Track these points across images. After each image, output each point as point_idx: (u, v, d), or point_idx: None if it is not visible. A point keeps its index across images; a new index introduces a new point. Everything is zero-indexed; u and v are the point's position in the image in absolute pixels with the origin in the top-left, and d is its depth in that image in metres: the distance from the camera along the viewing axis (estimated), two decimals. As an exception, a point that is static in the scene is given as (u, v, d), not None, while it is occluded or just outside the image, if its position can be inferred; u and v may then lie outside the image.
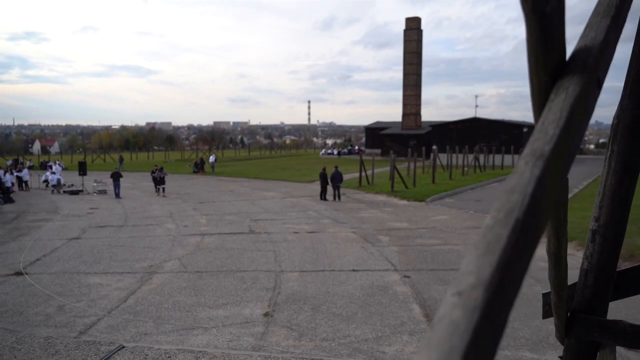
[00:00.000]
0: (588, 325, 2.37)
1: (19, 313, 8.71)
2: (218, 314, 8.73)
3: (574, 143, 0.86)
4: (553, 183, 0.74)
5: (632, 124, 2.15)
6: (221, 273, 11.34)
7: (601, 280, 2.35)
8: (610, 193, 2.29)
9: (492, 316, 0.56)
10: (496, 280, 0.57)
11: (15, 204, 23.59)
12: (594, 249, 2.34)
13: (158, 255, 13.03)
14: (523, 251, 0.65)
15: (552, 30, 0.88)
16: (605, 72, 1.06)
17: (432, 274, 11.31)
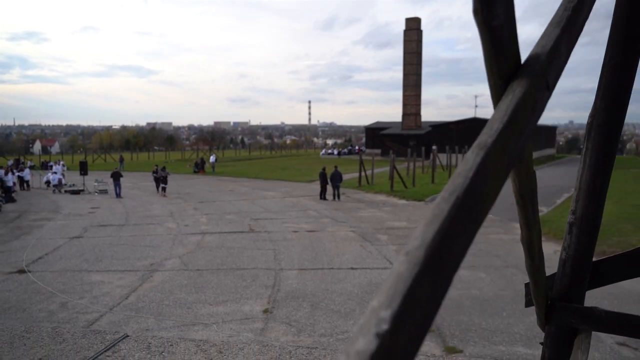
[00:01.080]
0: (566, 312, 2.51)
1: (23, 309, 8.86)
2: (218, 311, 8.88)
3: (518, 137, 1.01)
4: (494, 170, 0.89)
5: (604, 123, 2.30)
6: (221, 271, 11.49)
7: (578, 269, 2.49)
8: (586, 188, 2.43)
9: (431, 271, 0.71)
10: (436, 244, 0.72)
11: (17, 204, 23.75)
12: (571, 241, 2.49)
13: (159, 254, 13.18)
14: (462, 224, 0.79)
15: (502, 41, 1.02)
16: (555, 76, 1.21)
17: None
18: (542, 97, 1.12)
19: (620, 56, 2.24)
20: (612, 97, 2.28)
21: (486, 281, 10.77)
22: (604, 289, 10.15)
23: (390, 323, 0.63)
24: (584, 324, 2.47)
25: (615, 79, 2.27)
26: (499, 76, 1.07)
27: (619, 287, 10.82)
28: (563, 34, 1.20)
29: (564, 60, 1.26)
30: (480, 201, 0.84)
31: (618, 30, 2.25)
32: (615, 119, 2.29)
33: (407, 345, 0.67)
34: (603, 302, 8.58)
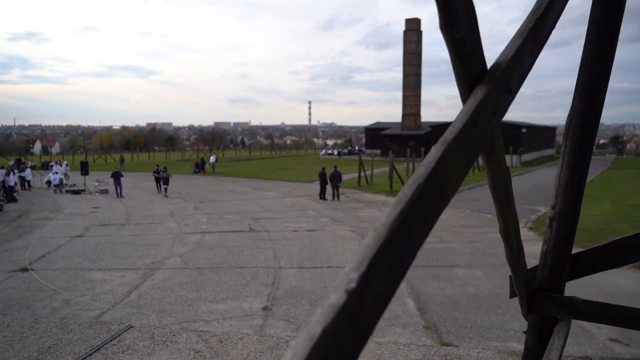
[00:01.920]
0: (547, 301, 2.66)
1: (26, 307, 9.01)
2: (218, 308, 9.03)
3: (479, 135, 1.16)
4: (454, 163, 1.04)
5: (581, 122, 2.45)
6: (221, 269, 11.64)
7: (558, 261, 2.64)
8: (564, 184, 2.58)
9: (394, 245, 0.86)
10: (398, 223, 0.88)
11: (19, 203, 23.92)
12: (551, 234, 2.64)
13: (160, 253, 13.33)
14: (422, 207, 0.95)
15: (466, 51, 1.18)
16: (518, 81, 1.36)
17: (427, 270, 11.61)
18: (504, 100, 1.26)
19: (596, 59, 2.39)
20: (588, 99, 2.43)
21: (482, 279, 10.92)
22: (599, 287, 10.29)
23: (358, 283, 0.79)
24: (564, 312, 2.62)
25: (591, 81, 2.42)
26: (464, 81, 1.22)
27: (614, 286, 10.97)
28: (525, 44, 1.35)
29: (528, 66, 1.40)
30: (439, 189, 0.98)
31: (593, 35, 2.40)
32: (591, 119, 2.44)
33: (372, 304, 0.83)
34: (598, 300, 8.71)
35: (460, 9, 1.08)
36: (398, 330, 8.01)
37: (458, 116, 1.11)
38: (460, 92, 1.26)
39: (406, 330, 8.04)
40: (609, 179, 34.58)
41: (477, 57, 1.23)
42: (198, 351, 4.62)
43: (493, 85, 1.20)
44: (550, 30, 1.57)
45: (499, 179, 1.73)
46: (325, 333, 0.72)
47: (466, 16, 1.10)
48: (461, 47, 1.14)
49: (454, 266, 12.02)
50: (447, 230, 16.32)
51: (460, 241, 14.66)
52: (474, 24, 1.16)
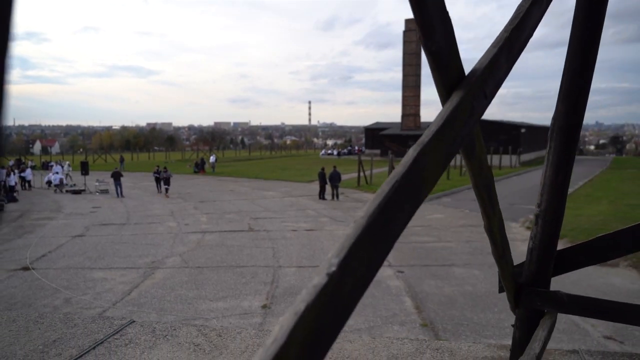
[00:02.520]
0: (533, 296, 2.77)
1: (28, 305, 9.13)
2: (218, 306, 9.14)
3: (455, 137, 1.27)
4: (430, 163, 1.15)
5: (565, 124, 2.56)
6: (221, 268, 11.75)
7: (543, 257, 2.75)
8: (549, 183, 2.69)
9: (372, 235, 0.97)
10: (376, 215, 0.98)
11: (19, 203, 24.02)
12: (537, 231, 2.75)
13: (160, 252, 13.44)
14: (400, 202, 1.06)
15: (443, 60, 1.28)
16: (493, 87, 1.47)
17: (425, 269, 11.72)
18: (479, 104, 1.37)
19: (578, 64, 2.50)
20: (571, 102, 2.53)
21: (480, 278, 11.03)
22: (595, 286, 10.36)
23: (338, 267, 0.90)
24: (549, 306, 2.73)
25: (574, 85, 2.53)
26: (442, 87, 1.33)
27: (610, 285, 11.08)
28: (501, 52, 1.45)
29: (504, 73, 1.51)
30: (416, 186, 1.09)
31: (575, 40, 2.51)
32: (574, 121, 2.55)
33: (351, 286, 0.94)
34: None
35: (436, 24, 1.19)
36: (395, 328, 8.12)
37: (435, 119, 1.22)
38: (440, 97, 1.37)
39: (403, 328, 8.15)
40: (607, 179, 34.69)
41: (455, 65, 1.33)
42: (198, 344, 4.74)
43: (469, 91, 1.31)
44: (528, 39, 1.67)
45: (481, 179, 1.84)
46: (308, 310, 0.83)
47: (442, 30, 1.21)
48: (438, 58, 1.24)
49: (452, 265, 12.12)
50: (445, 230, 16.43)
51: (458, 241, 14.78)
52: (450, 36, 1.27)
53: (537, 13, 1.66)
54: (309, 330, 0.83)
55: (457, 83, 1.37)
